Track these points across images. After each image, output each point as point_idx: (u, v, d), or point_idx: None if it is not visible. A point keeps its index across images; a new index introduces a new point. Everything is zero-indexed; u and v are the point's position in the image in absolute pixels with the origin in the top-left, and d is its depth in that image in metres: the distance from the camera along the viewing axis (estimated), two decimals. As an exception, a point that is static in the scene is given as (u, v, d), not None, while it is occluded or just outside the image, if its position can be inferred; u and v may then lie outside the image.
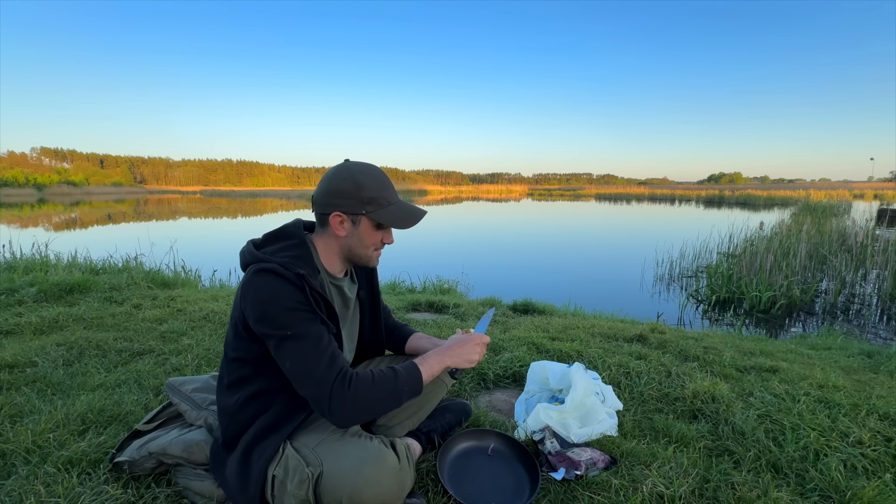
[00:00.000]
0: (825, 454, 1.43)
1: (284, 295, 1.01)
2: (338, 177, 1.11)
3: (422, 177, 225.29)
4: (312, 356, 1.00)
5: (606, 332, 2.84)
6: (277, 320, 1.00)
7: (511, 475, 1.31)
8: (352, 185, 1.09)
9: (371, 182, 1.11)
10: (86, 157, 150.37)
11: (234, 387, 1.13)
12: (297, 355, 1.00)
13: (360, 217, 1.12)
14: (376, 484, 0.97)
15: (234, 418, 1.12)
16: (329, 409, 0.99)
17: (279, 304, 1.00)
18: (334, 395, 0.98)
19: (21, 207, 28.93)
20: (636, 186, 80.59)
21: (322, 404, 0.99)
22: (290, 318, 1.00)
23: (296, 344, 1.00)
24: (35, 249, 5.28)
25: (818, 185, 75.31)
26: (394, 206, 1.14)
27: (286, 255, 1.08)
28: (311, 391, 1.00)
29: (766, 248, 6.07)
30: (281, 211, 26.72)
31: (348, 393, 0.99)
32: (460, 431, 1.45)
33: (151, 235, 7.32)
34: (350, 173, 1.11)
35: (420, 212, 1.17)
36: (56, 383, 1.90)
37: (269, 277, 1.02)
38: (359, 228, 1.14)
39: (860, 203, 23.69)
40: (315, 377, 0.99)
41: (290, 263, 1.04)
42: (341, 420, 1.01)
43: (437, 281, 5.36)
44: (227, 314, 3.03)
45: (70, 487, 1.19)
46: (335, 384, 0.99)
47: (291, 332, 1.00)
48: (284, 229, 1.17)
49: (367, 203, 1.11)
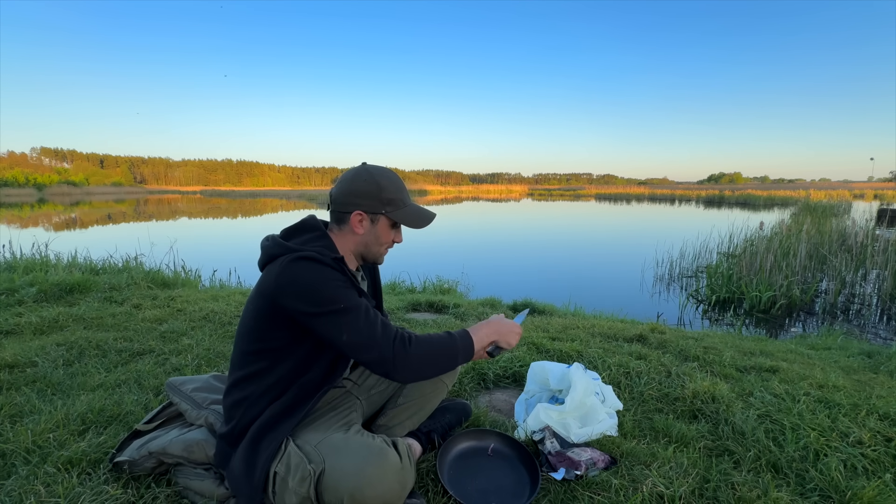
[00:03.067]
0: (825, 454, 1.43)
1: (330, 276, 1.08)
2: (359, 178, 1.19)
3: (422, 177, 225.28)
4: (367, 323, 1.07)
5: (606, 332, 2.84)
6: (330, 297, 1.05)
7: (511, 475, 1.31)
8: (374, 186, 1.18)
9: (390, 184, 1.20)
10: (86, 157, 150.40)
11: (247, 380, 1.14)
12: (354, 325, 1.05)
13: (380, 216, 1.20)
14: (378, 483, 0.97)
15: (248, 411, 1.12)
16: (394, 367, 1.06)
17: (328, 284, 1.06)
18: (398, 355, 1.06)
19: (21, 207, 28.94)
20: (636, 186, 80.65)
21: (387, 364, 1.06)
22: (342, 293, 1.07)
23: (350, 315, 1.05)
24: (35, 249, 5.28)
25: (818, 185, 75.36)
26: (409, 207, 1.24)
27: (316, 245, 1.14)
28: (375, 355, 1.05)
29: (766, 248, 6.07)
30: (281, 211, 26.72)
31: (410, 351, 1.07)
32: (460, 431, 1.45)
33: (151, 235, 7.32)
34: (371, 175, 1.19)
35: (431, 214, 1.26)
36: (56, 383, 1.90)
37: (309, 263, 1.07)
38: (377, 227, 1.21)
39: (860, 203, 23.69)
40: (377, 341, 1.05)
41: (324, 251, 1.11)
42: (406, 377, 1.09)
43: (437, 281, 5.36)
44: (227, 314, 3.03)
45: (70, 487, 1.19)
46: (396, 345, 1.06)
47: (345, 304, 1.06)
48: (305, 223, 1.22)
49: (386, 203, 1.19)
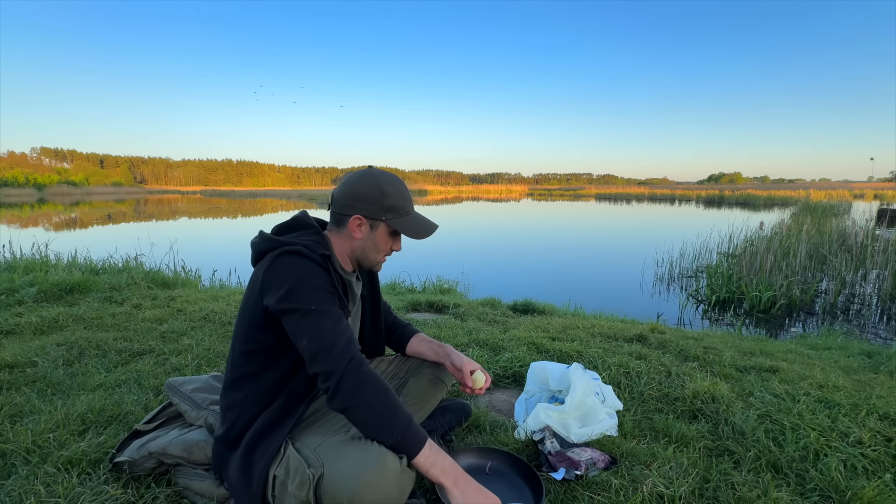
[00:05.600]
0: (825, 454, 1.43)
1: (311, 273, 1.04)
2: (363, 181, 1.15)
3: (422, 177, 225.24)
4: (332, 333, 1.02)
5: (606, 332, 2.83)
6: (303, 295, 1.02)
7: (512, 493, 1.25)
8: (376, 191, 1.14)
9: (394, 191, 1.16)
10: (86, 157, 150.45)
11: (240, 382, 1.13)
12: (317, 331, 1.01)
13: (380, 223, 1.16)
14: (377, 487, 0.96)
15: (241, 415, 1.12)
16: (337, 386, 0.99)
17: (306, 281, 1.03)
18: (347, 374, 0.99)
19: (21, 207, 28.94)
20: (636, 186, 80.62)
21: (332, 380, 0.99)
22: (316, 295, 1.03)
23: (318, 320, 1.02)
24: (35, 249, 5.28)
25: (818, 185, 75.32)
26: (411, 216, 1.20)
27: (308, 240, 1.12)
28: (326, 367, 1.00)
29: (766, 248, 6.07)
30: (281, 211, 26.73)
31: (360, 376, 1.00)
32: (457, 450, 1.38)
33: (151, 235, 7.33)
34: (375, 180, 1.15)
35: (433, 225, 1.22)
36: (56, 383, 1.90)
37: (295, 258, 1.05)
38: (375, 233, 1.17)
39: (860, 203, 23.68)
40: (333, 354, 1.00)
41: (314, 246, 1.08)
42: (342, 401, 0.99)
43: (437, 281, 5.36)
44: (227, 314, 3.03)
45: (70, 487, 1.19)
46: (350, 364, 1.00)
47: (315, 307, 1.02)
48: (297, 220, 1.20)
49: (388, 210, 1.15)
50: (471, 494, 1.01)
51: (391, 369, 1.55)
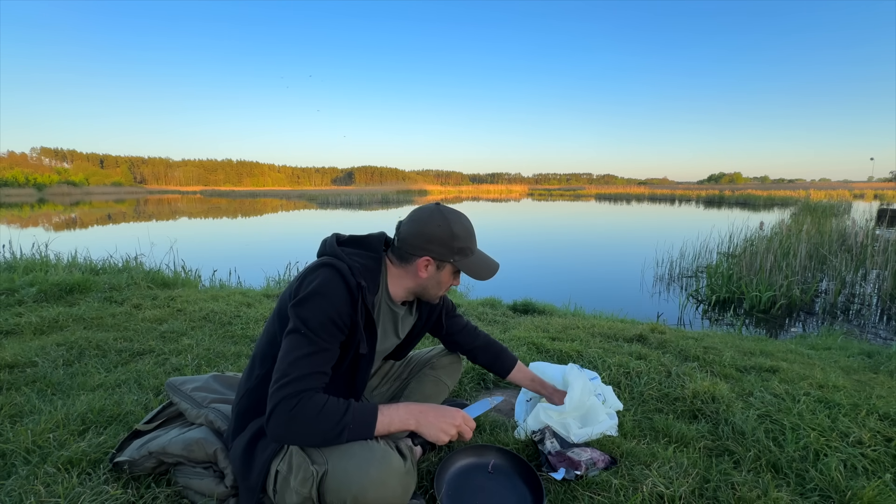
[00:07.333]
0: (825, 454, 1.43)
1: (333, 299, 1.03)
2: (433, 221, 1.15)
3: (422, 177, 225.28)
4: (297, 362, 1.00)
5: (606, 332, 2.84)
6: (307, 314, 1.02)
7: (513, 493, 1.24)
8: (447, 233, 1.14)
9: (463, 233, 1.17)
10: (86, 157, 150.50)
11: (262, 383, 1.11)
12: (288, 352, 1.02)
13: (447, 264, 1.18)
14: (382, 486, 0.96)
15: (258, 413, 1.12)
16: (268, 417, 0.99)
17: (320, 302, 1.02)
18: (278, 409, 0.98)
19: (21, 207, 28.92)
20: (636, 186, 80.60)
21: (268, 411, 0.99)
22: (318, 321, 1.02)
23: (297, 342, 1.01)
24: (35, 249, 5.27)
25: (818, 185, 75.29)
26: (475, 255, 1.21)
27: (359, 262, 1.12)
28: (271, 392, 1.00)
29: (766, 248, 6.07)
30: (281, 211, 26.69)
31: (289, 413, 0.97)
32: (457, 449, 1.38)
33: (151, 235, 7.32)
34: (446, 220, 1.15)
35: (495, 265, 1.25)
36: (56, 383, 1.90)
37: (333, 274, 1.05)
38: (441, 273, 1.19)
39: (860, 203, 23.66)
40: (281, 381, 0.99)
41: (358, 271, 1.08)
42: (271, 433, 1.00)
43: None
44: (227, 314, 3.04)
45: (70, 487, 1.19)
46: (285, 400, 0.97)
47: (305, 331, 1.02)
48: (368, 240, 1.20)
49: (456, 252, 1.17)
50: (435, 421, 1.07)
51: (394, 371, 1.56)
